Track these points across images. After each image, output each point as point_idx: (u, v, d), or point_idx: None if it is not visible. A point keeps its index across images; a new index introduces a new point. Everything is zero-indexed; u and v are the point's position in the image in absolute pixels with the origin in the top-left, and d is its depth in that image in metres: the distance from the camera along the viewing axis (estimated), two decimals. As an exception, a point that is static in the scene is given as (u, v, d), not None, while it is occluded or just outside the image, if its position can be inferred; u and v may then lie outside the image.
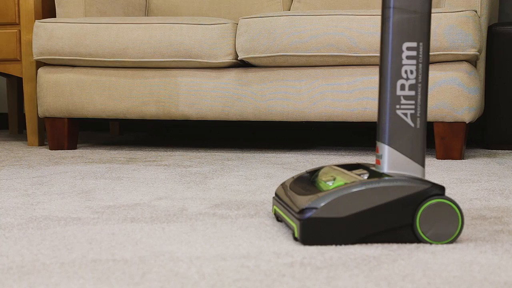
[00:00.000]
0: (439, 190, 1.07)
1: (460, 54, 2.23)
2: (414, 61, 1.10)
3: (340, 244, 1.06)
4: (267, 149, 2.63)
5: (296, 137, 3.26)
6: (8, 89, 3.52)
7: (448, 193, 1.58)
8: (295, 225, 1.09)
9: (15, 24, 2.84)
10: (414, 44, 1.10)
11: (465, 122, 2.26)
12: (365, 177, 1.15)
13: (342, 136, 3.29)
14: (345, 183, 1.09)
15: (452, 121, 2.27)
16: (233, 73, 2.47)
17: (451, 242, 1.07)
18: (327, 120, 2.39)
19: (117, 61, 2.54)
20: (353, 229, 1.06)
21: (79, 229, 1.21)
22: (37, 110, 2.81)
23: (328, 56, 2.33)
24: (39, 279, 0.89)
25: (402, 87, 1.11)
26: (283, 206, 1.18)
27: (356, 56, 2.30)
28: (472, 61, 2.33)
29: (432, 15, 2.24)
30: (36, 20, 2.67)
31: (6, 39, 2.84)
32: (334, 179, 1.18)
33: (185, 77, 2.51)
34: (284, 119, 2.43)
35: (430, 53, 2.24)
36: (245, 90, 2.45)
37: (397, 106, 1.11)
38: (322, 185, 1.21)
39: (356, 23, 2.29)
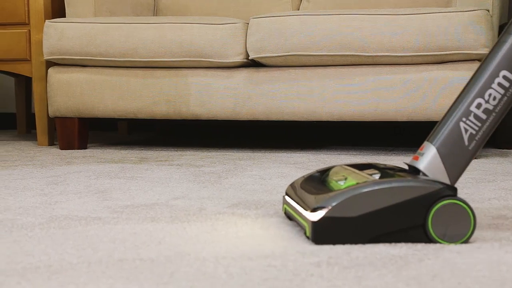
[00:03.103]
0: (451, 191, 1.07)
1: (472, 53, 2.23)
2: (502, 91, 1.12)
3: (351, 244, 1.06)
4: (278, 149, 2.63)
5: (307, 137, 3.26)
6: (16, 88, 3.52)
7: (465, 192, 1.58)
8: (306, 224, 1.09)
9: (24, 24, 2.84)
10: (511, 77, 1.12)
11: (477, 122, 2.26)
12: (377, 177, 1.15)
13: (354, 135, 3.29)
14: (357, 183, 1.09)
15: (464, 120, 2.26)
16: (244, 73, 2.47)
17: (464, 242, 1.07)
18: (338, 120, 2.39)
19: (128, 61, 2.54)
20: (365, 229, 1.06)
21: (100, 228, 1.21)
22: (47, 110, 2.82)
23: (340, 55, 2.33)
24: (68, 278, 0.89)
25: (479, 106, 1.12)
26: (294, 205, 1.19)
27: (368, 56, 2.30)
28: (483, 60, 2.33)
29: (445, 14, 2.24)
30: (46, 20, 2.67)
31: (16, 39, 2.84)
32: (346, 179, 1.19)
33: (196, 77, 2.51)
34: (295, 118, 2.43)
35: (442, 52, 2.24)
36: (256, 89, 2.45)
37: (464, 119, 1.12)
38: (333, 184, 1.21)
39: (367, 22, 2.29)
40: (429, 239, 1.06)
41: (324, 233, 1.06)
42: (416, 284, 0.85)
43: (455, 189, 1.07)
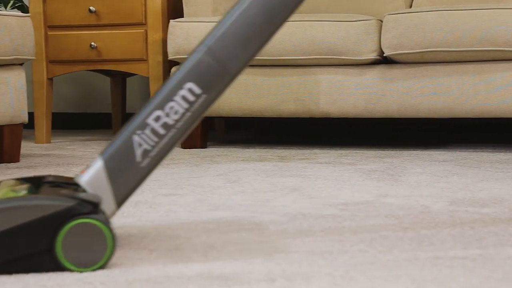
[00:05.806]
0: (88, 208, 0.93)
1: None
2: (186, 105, 1.00)
3: None
4: (409, 147, 2.60)
5: (429, 135, 3.23)
6: (112, 88, 3.53)
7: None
8: None
9: (141, 24, 2.84)
10: (197, 91, 1.00)
11: None
12: (23, 193, 1.00)
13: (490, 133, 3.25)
14: None
15: None
16: (377, 70, 2.45)
17: (101, 268, 0.94)
18: (478, 117, 2.36)
19: (255, 59, 2.53)
20: None
21: (353, 225, 1.20)
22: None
23: (482, 51, 2.30)
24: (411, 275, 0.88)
25: (157, 119, 1.00)
26: None
27: (513, 51, 2.27)
28: None
29: None
30: (170, 20, 2.66)
31: (132, 39, 2.84)
32: None
33: (326, 75, 2.49)
34: (432, 115, 2.40)
35: None
36: (390, 86, 2.42)
37: (138, 132, 1.00)
38: None
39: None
40: (59, 267, 0.93)
41: None
42: None
43: (96, 205, 0.94)
